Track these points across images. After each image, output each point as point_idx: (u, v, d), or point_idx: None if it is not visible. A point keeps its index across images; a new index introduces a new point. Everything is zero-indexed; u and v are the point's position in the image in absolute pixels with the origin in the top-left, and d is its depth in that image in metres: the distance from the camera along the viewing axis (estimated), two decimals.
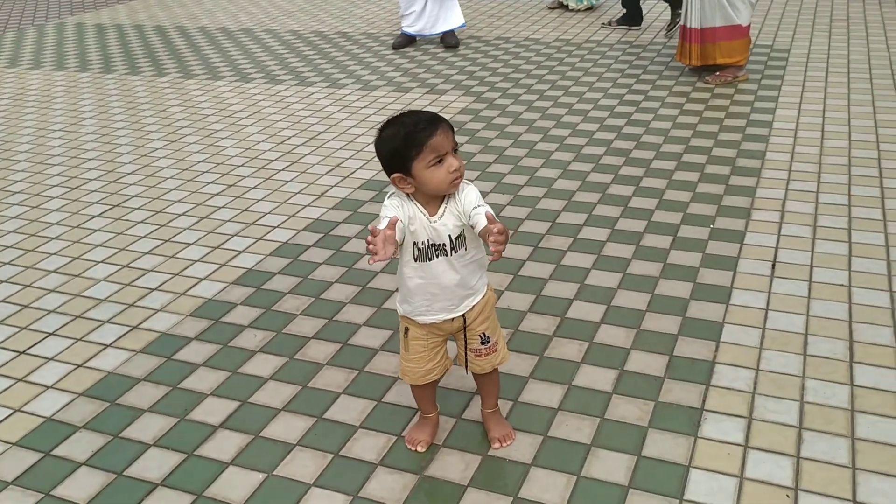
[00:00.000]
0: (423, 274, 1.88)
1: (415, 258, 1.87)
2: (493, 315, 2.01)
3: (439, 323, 1.95)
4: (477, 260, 1.92)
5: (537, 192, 3.57)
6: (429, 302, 1.92)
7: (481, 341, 1.99)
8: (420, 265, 1.87)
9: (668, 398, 2.24)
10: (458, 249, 1.86)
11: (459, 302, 1.92)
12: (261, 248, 3.23)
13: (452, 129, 1.81)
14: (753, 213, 3.25)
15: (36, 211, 3.67)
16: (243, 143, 4.39)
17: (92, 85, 5.68)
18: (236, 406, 2.31)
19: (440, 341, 2.01)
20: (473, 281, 1.93)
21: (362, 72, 5.63)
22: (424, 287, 1.90)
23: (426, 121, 1.78)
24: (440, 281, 1.88)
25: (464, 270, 1.89)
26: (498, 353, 2.03)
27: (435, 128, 1.77)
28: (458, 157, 1.80)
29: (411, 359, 2.01)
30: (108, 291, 2.96)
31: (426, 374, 2.02)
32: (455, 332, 1.99)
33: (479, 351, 2.00)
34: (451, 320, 1.95)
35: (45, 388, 2.44)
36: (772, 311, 2.60)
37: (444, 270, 1.88)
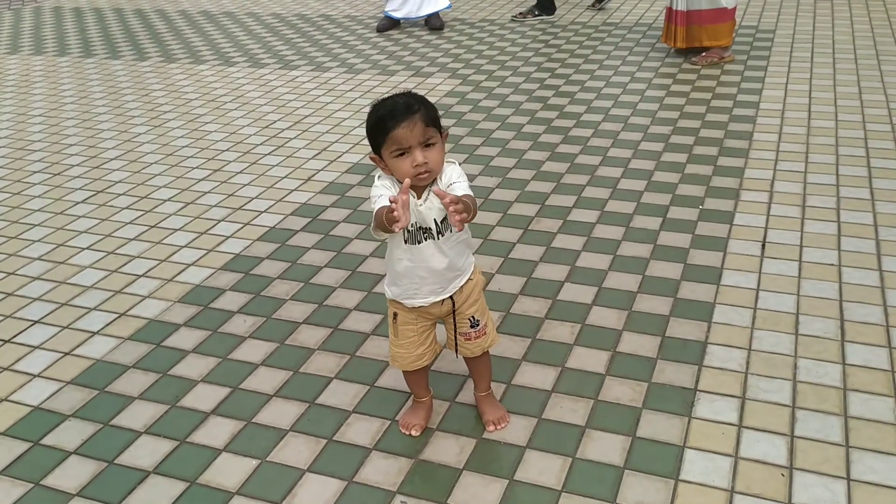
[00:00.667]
0: (411, 256, 1.87)
1: (405, 240, 1.85)
2: (481, 298, 2.01)
3: (427, 307, 1.93)
4: (464, 240, 1.92)
5: (526, 174, 3.55)
6: (417, 285, 1.90)
7: (471, 325, 1.98)
8: (409, 248, 1.86)
9: (662, 379, 2.24)
10: (444, 233, 1.85)
11: (447, 284, 1.91)
12: (248, 233, 3.20)
13: (429, 121, 1.73)
14: (742, 193, 3.25)
15: (18, 197, 3.61)
16: (228, 127, 4.34)
17: (71, 69, 5.59)
18: (227, 392, 2.29)
19: (429, 325, 2.00)
20: (461, 262, 1.92)
21: (347, 55, 5.58)
22: (413, 270, 1.88)
23: (400, 110, 1.74)
24: (429, 264, 1.87)
25: (451, 252, 1.88)
26: (487, 336, 2.02)
27: (402, 119, 1.72)
28: (427, 150, 1.74)
29: (401, 344, 2.00)
30: (95, 278, 2.92)
31: (416, 359, 2.01)
32: (444, 316, 1.98)
33: (468, 335, 1.99)
34: (441, 303, 1.93)
35: (31, 377, 2.40)
36: (762, 292, 2.61)
37: (433, 254, 1.86)
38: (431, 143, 1.75)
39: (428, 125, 1.74)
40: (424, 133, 1.73)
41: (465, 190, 1.80)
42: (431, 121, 1.75)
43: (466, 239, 1.93)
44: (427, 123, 1.74)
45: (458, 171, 1.84)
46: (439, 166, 1.78)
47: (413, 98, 1.78)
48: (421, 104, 1.76)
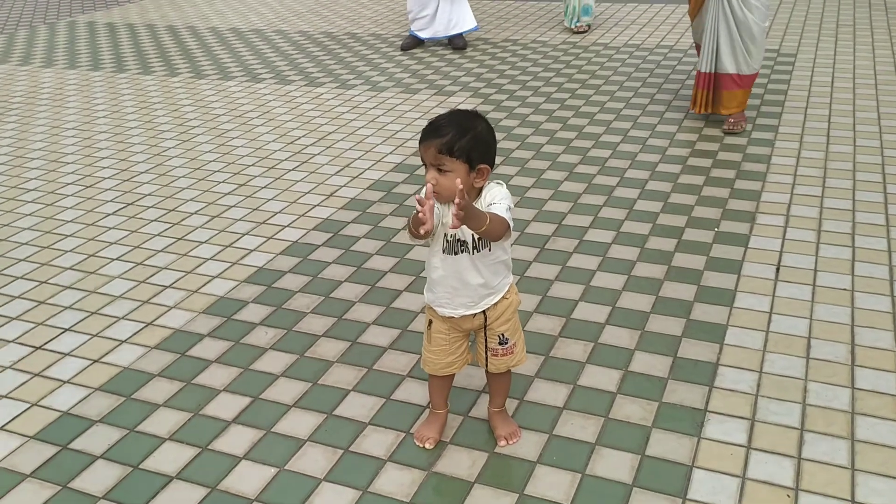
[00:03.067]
0: (446, 266, 1.94)
1: (443, 249, 1.93)
2: (514, 318, 2.06)
3: (458, 318, 1.99)
4: (503, 261, 1.96)
5: (544, 194, 3.61)
6: (450, 295, 1.97)
7: (500, 341, 2.04)
8: (446, 257, 1.93)
9: (672, 399, 2.28)
10: (480, 249, 1.91)
11: (479, 300, 1.97)
12: (271, 246, 3.28)
13: (444, 149, 1.77)
14: (758, 216, 3.29)
15: (51, 208, 3.73)
16: (254, 142, 4.44)
17: (104, 84, 5.75)
18: (248, 402, 2.36)
19: (461, 336, 2.06)
20: (496, 281, 1.97)
21: (371, 73, 5.68)
22: (446, 279, 1.95)
23: (431, 128, 1.82)
24: (462, 276, 1.93)
25: (486, 270, 1.94)
26: (514, 356, 2.08)
27: (425, 138, 1.82)
28: (441, 174, 1.78)
29: (432, 350, 2.07)
30: (123, 288, 3.01)
31: (446, 366, 2.08)
32: (476, 330, 2.04)
33: (496, 351, 2.05)
34: (472, 317, 1.99)
35: (61, 383, 2.49)
36: (775, 315, 2.64)
37: (467, 267, 1.92)
38: (444, 169, 1.80)
39: (441, 152, 1.78)
40: (435, 158, 1.80)
41: (501, 212, 1.82)
42: (448, 149, 1.78)
43: (505, 260, 1.98)
44: (440, 151, 1.78)
45: (502, 194, 1.87)
46: (449, 193, 1.79)
47: (454, 122, 1.81)
48: (454, 131, 1.79)
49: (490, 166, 1.86)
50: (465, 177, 1.81)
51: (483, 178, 1.86)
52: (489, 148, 1.85)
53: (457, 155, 1.79)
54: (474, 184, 1.85)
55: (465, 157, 1.80)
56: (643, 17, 6.87)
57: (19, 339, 2.73)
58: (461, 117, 1.84)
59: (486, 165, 1.84)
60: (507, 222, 1.82)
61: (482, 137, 1.83)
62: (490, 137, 1.86)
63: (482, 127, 1.85)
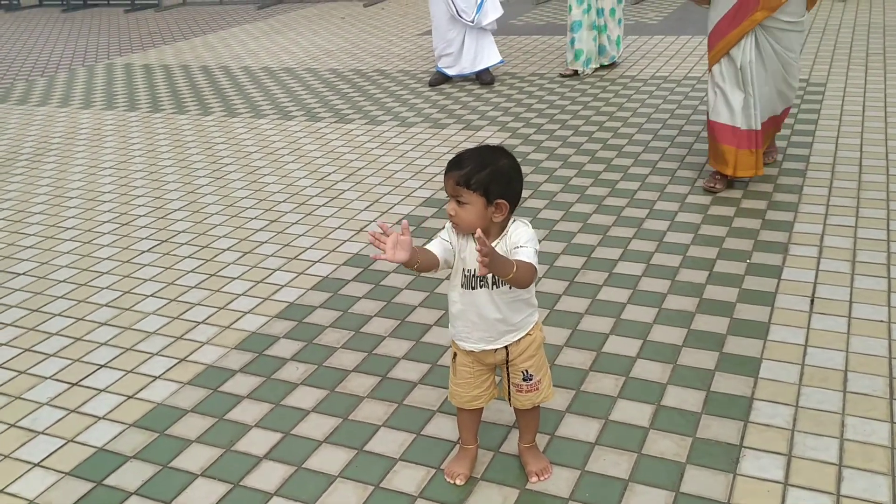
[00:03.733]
0: (465, 301, 1.94)
1: (462, 284, 1.93)
2: (539, 353, 2.04)
3: (478, 353, 1.99)
4: (524, 299, 1.95)
5: (572, 226, 3.61)
6: (468, 329, 1.97)
7: (523, 377, 2.03)
8: (465, 292, 1.93)
9: (707, 434, 2.25)
10: (499, 285, 1.91)
11: (499, 336, 1.97)
12: (302, 282, 3.32)
13: (462, 182, 1.79)
14: (791, 247, 3.25)
15: (88, 246, 3.82)
16: (285, 179, 4.51)
17: (140, 124, 5.89)
18: (280, 437, 2.38)
19: (486, 370, 2.05)
20: (517, 318, 1.95)
21: (399, 108, 5.76)
22: (465, 313, 1.96)
23: (454, 161, 1.85)
24: (481, 311, 1.93)
25: (505, 307, 1.93)
26: (539, 392, 2.06)
27: (448, 169, 1.84)
28: (459, 206, 1.81)
29: (458, 383, 2.07)
30: (158, 324, 3.06)
31: (472, 399, 2.07)
32: (499, 364, 2.04)
33: (520, 387, 2.04)
34: (494, 352, 1.99)
35: (97, 419, 2.53)
36: (810, 348, 2.60)
37: (486, 302, 1.92)
38: (462, 201, 1.82)
39: (459, 184, 1.81)
40: (454, 190, 1.82)
41: (529, 256, 1.81)
42: (465, 182, 1.80)
43: (527, 298, 1.96)
44: (458, 182, 1.81)
45: (528, 236, 1.86)
46: (466, 225, 1.83)
47: (476, 156, 1.83)
48: (473, 164, 1.81)
49: (510, 203, 1.84)
50: (481, 210, 1.81)
51: (501, 214, 1.84)
52: (510, 184, 1.84)
53: (474, 188, 1.80)
54: (493, 219, 1.84)
55: (483, 190, 1.80)
56: (670, 49, 6.89)
57: (56, 375, 2.78)
58: (485, 152, 1.86)
59: (503, 201, 1.83)
60: (534, 269, 1.81)
61: (502, 172, 1.83)
62: (512, 174, 1.85)
63: (504, 163, 1.84)
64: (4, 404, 2.64)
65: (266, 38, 9.01)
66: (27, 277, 3.54)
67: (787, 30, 3.63)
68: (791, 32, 3.66)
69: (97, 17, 11.62)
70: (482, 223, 1.83)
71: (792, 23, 3.62)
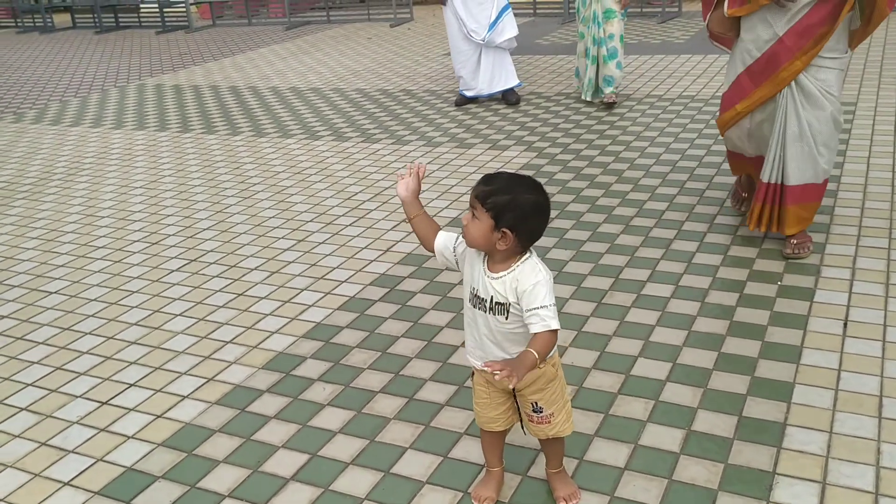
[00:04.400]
0: (469, 315, 1.97)
1: (468, 299, 1.95)
2: (550, 388, 1.98)
3: (480, 371, 1.98)
4: (520, 333, 1.88)
5: (600, 247, 3.59)
6: (472, 345, 1.99)
7: (533, 409, 2.00)
8: (469, 307, 1.96)
9: (739, 460, 2.21)
10: (496, 314, 1.88)
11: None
12: (329, 302, 3.33)
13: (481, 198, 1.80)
14: (823, 269, 3.21)
15: (119, 265, 3.86)
16: (312, 198, 4.54)
17: (170, 143, 5.97)
18: (307, 459, 2.37)
19: (502, 394, 2.03)
20: (514, 350, 1.89)
21: (426, 128, 5.79)
22: (470, 329, 1.98)
23: (487, 175, 1.87)
24: (480, 331, 1.94)
25: (500, 336, 1.90)
26: (552, 426, 2.01)
27: (478, 181, 1.86)
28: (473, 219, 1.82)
29: (477, 402, 2.07)
30: (186, 344, 3.08)
31: (489, 421, 2.06)
32: (507, 391, 2.01)
33: (531, 417, 2.03)
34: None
35: (126, 439, 2.55)
36: (844, 372, 2.55)
37: (483, 325, 1.92)
38: (475, 216, 1.83)
39: (476, 197, 1.82)
40: (472, 201, 1.84)
41: (544, 325, 1.76)
42: (482, 198, 1.81)
43: (527, 336, 1.84)
44: (476, 195, 1.83)
45: (532, 281, 1.80)
46: (470, 238, 1.85)
47: (506, 180, 1.83)
48: (499, 186, 1.81)
49: (520, 238, 1.81)
50: (487, 232, 1.80)
51: (505, 244, 1.81)
52: (525, 219, 1.80)
53: (487, 207, 1.80)
54: (497, 245, 1.82)
55: (495, 213, 1.79)
56: (697, 68, 6.86)
57: (86, 394, 2.81)
58: (517, 180, 1.85)
59: (509, 232, 1.79)
60: (552, 335, 1.79)
61: (521, 205, 1.79)
62: (532, 211, 1.81)
63: (529, 198, 1.81)
64: (35, 423, 2.66)
65: (294, 58, 9.12)
66: (59, 296, 3.58)
67: (824, 67, 3.11)
68: (829, 70, 3.12)
69: (129, 39, 11.85)
70: (485, 245, 1.84)
71: (830, 59, 3.11)
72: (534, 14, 10.99)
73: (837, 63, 3.13)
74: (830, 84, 3.12)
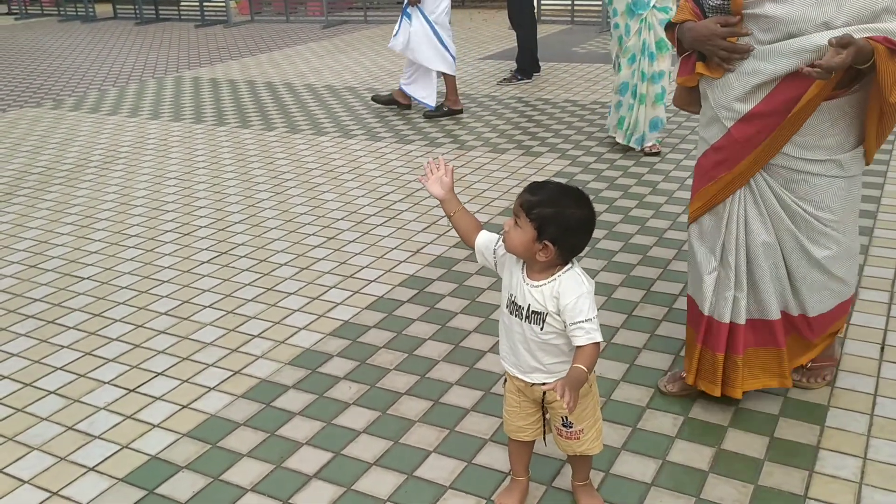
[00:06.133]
0: (504, 321, 1.95)
1: (505, 305, 1.94)
2: (582, 403, 1.92)
3: (516, 380, 1.96)
4: (556, 345, 1.86)
5: (632, 258, 3.55)
6: (506, 350, 1.97)
7: (563, 423, 1.97)
8: (505, 313, 1.94)
9: (769, 482, 2.16)
10: (531, 323, 1.86)
11: (529, 370, 1.91)
12: (357, 301, 3.32)
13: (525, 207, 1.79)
14: (861, 292, 3.14)
15: (150, 254, 3.89)
16: (343, 196, 4.55)
17: (205, 136, 6.02)
18: (330, 457, 2.36)
19: (531, 404, 2.01)
20: (547, 360, 1.88)
21: (459, 131, 5.77)
22: (505, 335, 1.96)
23: (536, 183, 1.86)
24: (513, 338, 1.92)
25: (534, 345, 1.87)
26: (580, 443, 1.98)
27: (525, 188, 1.85)
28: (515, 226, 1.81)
29: (507, 409, 2.05)
30: (214, 336, 3.09)
31: (517, 430, 2.04)
32: (538, 401, 1.98)
33: (560, 430, 2.00)
34: (531, 386, 1.94)
35: (151, 427, 2.56)
36: (880, 397, 2.49)
37: (517, 332, 1.90)
38: (518, 224, 1.81)
39: (522, 206, 1.81)
40: (516, 209, 1.83)
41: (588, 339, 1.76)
42: (527, 208, 1.79)
43: (560, 345, 1.85)
44: (521, 205, 1.81)
45: (576, 294, 1.78)
46: (511, 245, 1.83)
47: (554, 191, 1.81)
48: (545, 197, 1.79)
49: (561, 251, 1.79)
50: (528, 242, 1.79)
51: (546, 256, 1.79)
52: (568, 233, 1.78)
53: (531, 218, 1.78)
54: (536, 256, 1.80)
55: (538, 224, 1.77)
56: None
57: (114, 380, 2.83)
58: (565, 192, 1.83)
59: (551, 245, 1.77)
60: (596, 347, 1.78)
61: (566, 219, 1.77)
62: (577, 225, 1.79)
63: (575, 212, 1.78)
64: (63, 406, 2.68)
65: (330, 56, 9.16)
66: (91, 282, 3.62)
67: (809, 172, 2.17)
68: (818, 177, 2.18)
69: (168, 31, 11.98)
70: (525, 253, 1.83)
71: (816, 162, 2.17)
72: (571, 22, 10.94)
73: (830, 168, 2.19)
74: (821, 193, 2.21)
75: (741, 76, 2.14)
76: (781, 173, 2.20)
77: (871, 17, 1.97)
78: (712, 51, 2.17)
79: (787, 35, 2.04)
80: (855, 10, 1.97)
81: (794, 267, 2.27)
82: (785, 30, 2.04)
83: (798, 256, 2.26)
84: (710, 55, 2.19)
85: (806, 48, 2.01)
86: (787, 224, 2.22)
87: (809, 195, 2.20)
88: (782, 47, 2.05)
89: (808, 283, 2.28)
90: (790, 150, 2.16)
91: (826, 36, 1.95)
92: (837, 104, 2.11)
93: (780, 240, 2.25)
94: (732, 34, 2.13)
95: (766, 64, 2.08)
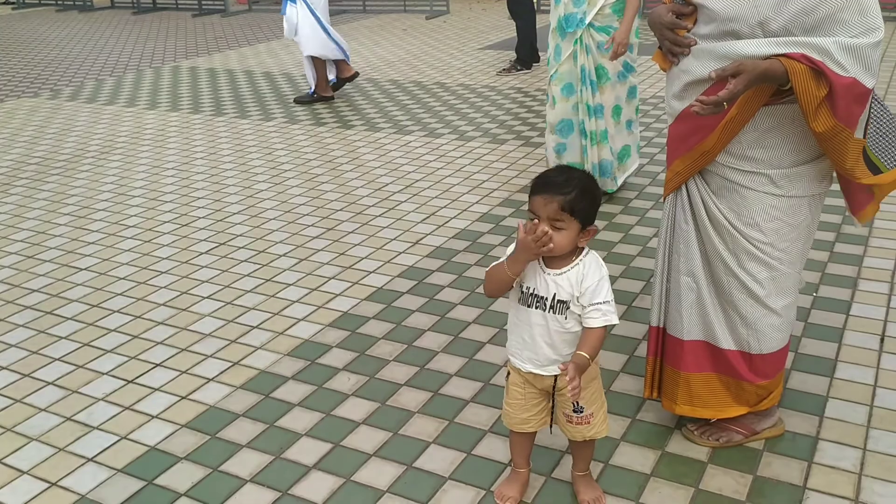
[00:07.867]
0: (521, 317, 1.93)
1: (519, 300, 1.92)
2: (591, 387, 1.97)
3: (524, 372, 1.95)
4: (576, 333, 1.88)
5: (631, 249, 3.55)
6: (519, 347, 1.95)
7: (573, 409, 1.98)
8: (521, 308, 1.92)
9: (768, 473, 2.16)
10: (556, 312, 1.87)
11: (547, 363, 1.92)
12: (356, 292, 3.31)
13: (567, 207, 1.77)
14: (860, 283, 3.14)
15: (148, 245, 3.88)
16: (342, 187, 4.53)
17: (203, 126, 6.00)
18: (329, 448, 2.36)
19: (537, 394, 2.00)
20: (566, 350, 1.89)
21: (459, 122, 5.75)
22: (518, 329, 1.94)
23: (553, 182, 1.82)
24: (532, 332, 1.90)
25: (557, 337, 1.88)
26: (591, 427, 2.00)
27: (545, 191, 1.81)
28: (556, 230, 1.78)
29: (510, 403, 2.04)
30: (213, 327, 3.08)
31: (521, 422, 2.03)
32: (548, 390, 1.99)
33: (570, 417, 2.00)
34: (542, 377, 1.94)
35: (150, 418, 2.55)
36: (880, 388, 2.49)
37: (538, 324, 1.89)
38: (559, 226, 1.79)
39: (563, 209, 1.78)
40: (555, 213, 1.79)
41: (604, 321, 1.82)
42: (570, 208, 1.78)
43: (577, 335, 1.88)
44: (563, 208, 1.78)
45: (598, 276, 1.84)
46: (560, 250, 1.82)
47: (576, 181, 1.81)
48: (577, 191, 1.79)
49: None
50: (575, 236, 1.83)
51: (588, 238, 1.86)
52: (597, 211, 1.88)
53: (577, 215, 1.81)
54: (578, 243, 1.84)
55: (582, 217, 1.82)
56: None
57: (113, 371, 2.82)
58: (582, 177, 1.85)
59: (594, 227, 1.86)
60: (604, 331, 1.85)
61: (597, 200, 1.88)
62: (600, 201, 1.91)
63: (598, 191, 1.89)
64: (62, 397, 2.68)
65: None
66: (89, 273, 3.61)
67: (736, 182, 2.03)
68: (745, 189, 2.02)
69: (165, 21, 11.93)
70: (571, 246, 1.84)
71: (743, 172, 2.02)
72: None
73: (771, 185, 2.01)
74: (750, 209, 2.03)
75: (679, 72, 2.02)
76: (714, 179, 2.06)
77: (813, 24, 1.81)
78: (660, 40, 2.05)
79: (723, 32, 1.91)
80: (793, 13, 1.81)
81: (727, 289, 2.09)
82: (722, 27, 1.90)
83: (729, 279, 2.07)
84: (660, 44, 2.07)
85: (729, 55, 1.86)
86: (712, 237, 2.07)
87: (738, 207, 2.02)
88: (711, 48, 1.91)
89: (742, 312, 2.08)
90: (730, 160, 2.02)
91: (755, 46, 1.83)
92: (771, 112, 1.94)
93: (710, 255, 2.10)
94: (675, 25, 1.99)
95: (696, 63, 1.95)
